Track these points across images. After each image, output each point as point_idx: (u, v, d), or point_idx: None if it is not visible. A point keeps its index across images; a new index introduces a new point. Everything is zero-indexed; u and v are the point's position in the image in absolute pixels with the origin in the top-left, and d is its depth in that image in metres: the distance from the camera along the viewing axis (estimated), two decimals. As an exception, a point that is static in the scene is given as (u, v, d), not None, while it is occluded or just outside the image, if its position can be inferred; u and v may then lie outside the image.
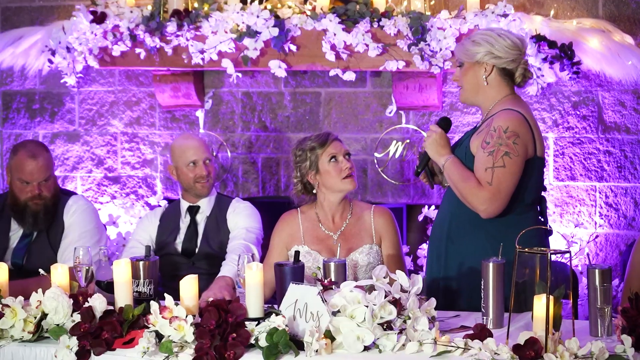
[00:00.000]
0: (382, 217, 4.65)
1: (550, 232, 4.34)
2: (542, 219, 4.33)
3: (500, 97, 4.29)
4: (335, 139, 4.66)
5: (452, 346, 3.32)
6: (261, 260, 4.72)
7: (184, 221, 5.27)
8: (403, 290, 3.54)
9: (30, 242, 5.00)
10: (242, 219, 5.16)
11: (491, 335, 3.32)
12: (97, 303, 3.60)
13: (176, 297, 3.58)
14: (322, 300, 3.39)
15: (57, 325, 3.62)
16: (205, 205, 5.26)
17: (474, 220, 4.18)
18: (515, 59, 4.26)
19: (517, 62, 4.27)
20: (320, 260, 4.32)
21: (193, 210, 5.27)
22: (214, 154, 6.39)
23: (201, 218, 5.26)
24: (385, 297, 3.43)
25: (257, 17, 5.75)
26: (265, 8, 5.81)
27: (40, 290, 3.70)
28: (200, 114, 6.45)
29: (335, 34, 5.70)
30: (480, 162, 4.12)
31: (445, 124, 4.35)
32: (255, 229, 5.12)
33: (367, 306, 3.37)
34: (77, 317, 3.58)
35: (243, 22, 5.80)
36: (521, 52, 4.28)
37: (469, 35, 4.43)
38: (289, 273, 3.80)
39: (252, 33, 5.76)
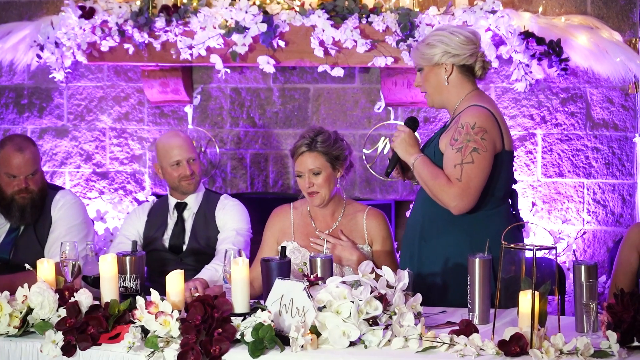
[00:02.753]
0: (375, 219, 4.60)
1: (522, 225, 4.36)
2: (514, 212, 4.34)
3: (464, 94, 4.28)
4: (303, 153, 4.52)
5: (437, 342, 3.32)
6: (251, 260, 4.71)
7: (172, 217, 5.26)
8: (389, 286, 3.55)
9: (17, 236, 4.98)
10: (232, 219, 5.14)
11: (477, 331, 3.33)
12: (83, 298, 3.60)
13: (164, 292, 3.58)
14: (308, 295, 3.39)
15: (43, 320, 3.61)
16: (193, 202, 5.25)
17: (447, 217, 4.18)
18: (472, 54, 4.26)
19: (474, 57, 4.27)
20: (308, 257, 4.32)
21: (180, 207, 5.26)
22: (202, 149, 6.39)
23: (189, 214, 5.24)
24: (371, 293, 3.43)
25: (246, 12, 5.75)
26: (254, 4, 5.81)
27: (26, 285, 3.69)
28: (188, 109, 6.45)
29: (323, 30, 5.71)
30: (449, 159, 4.13)
31: (412, 124, 4.35)
32: (245, 230, 5.11)
33: (353, 302, 3.37)
34: (62, 312, 3.58)
35: (232, 18, 5.80)
36: (476, 45, 4.28)
37: (423, 38, 4.41)
38: (275, 268, 3.80)
39: (241, 29, 5.76)
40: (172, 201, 5.28)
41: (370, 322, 3.40)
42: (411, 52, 4.46)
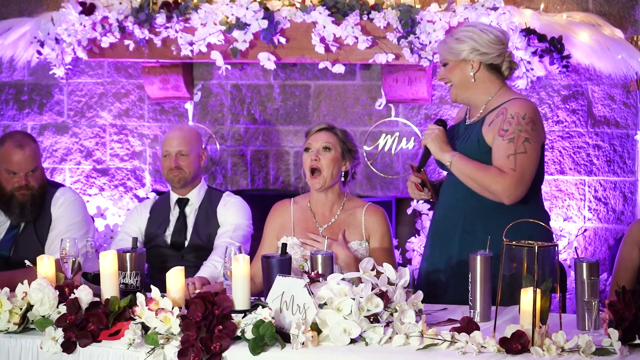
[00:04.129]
0: (374, 216, 4.56)
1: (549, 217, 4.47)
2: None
3: (494, 90, 4.30)
4: (320, 130, 4.54)
5: (438, 339, 3.31)
6: (251, 255, 4.69)
7: (173, 214, 5.26)
8: (390, 283, 3.54)
9: (17, 234, 4.97)
10: (232, 214, 5.14)
11: (478, 329, 3.32)
12: (83, 294, 3.59)
13: (164, 289, 3.57)
14: (309, 292, 3.38)
15: (43, 316, 3.60)
16: (195, 198, 5.25)
17: (493, 208, 4.20)
18: (500, 54, 4.27)
19: (502, 57, 4.28)
20: (308, 253, 4.30)
21: (182, 203, 5.25)
22: (202, 146, 6.37)
23: (190, 210, 5.24)
24: (372, 290, 3.43)
25: (247, 9, 5.74)
26: (255, 0, 5.79)
27: (26, 281, 3.68)
28: (189, 106, 6.44)
29: (324, 27, 5.69)
30: (501, 149, 4.15)
31: (442, 124, 4.35)
32: (245, 225, 5.11)
33: (353, 299, 3.36)
34: (62, 309, 3.57)
35: (232, 14, 5.79)
36: (504, 45, 4.29)
37: (451, 32, 4.41)
38: (275, 265, 3.79)
39: (242, 25, 5.75)
40: (174, 197, 5.28)
41: (371, 320, 3.39)
42: (438, 46, 4.45)
